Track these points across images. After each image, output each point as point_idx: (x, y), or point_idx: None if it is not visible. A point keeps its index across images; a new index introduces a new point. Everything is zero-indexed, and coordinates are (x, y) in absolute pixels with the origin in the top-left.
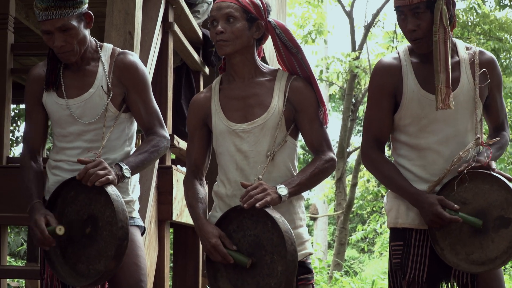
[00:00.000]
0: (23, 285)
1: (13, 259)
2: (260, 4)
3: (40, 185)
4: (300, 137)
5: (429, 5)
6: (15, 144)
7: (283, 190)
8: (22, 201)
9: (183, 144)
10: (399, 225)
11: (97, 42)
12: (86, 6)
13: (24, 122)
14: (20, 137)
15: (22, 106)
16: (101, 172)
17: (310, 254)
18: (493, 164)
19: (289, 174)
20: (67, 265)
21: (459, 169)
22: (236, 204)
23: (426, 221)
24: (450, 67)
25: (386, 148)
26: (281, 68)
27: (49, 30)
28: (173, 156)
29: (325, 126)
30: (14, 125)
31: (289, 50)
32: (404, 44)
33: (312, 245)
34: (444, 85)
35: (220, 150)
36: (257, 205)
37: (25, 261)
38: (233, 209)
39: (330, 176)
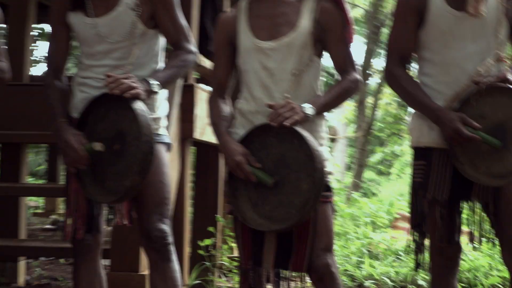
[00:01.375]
0: (42, 204)
1: (32, 178)
2: None
3: (65, 103)
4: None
5: None
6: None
7: (309, 109)
8: (43, 119)
9: (207, 63)
10: (421, 144)
11: None
12: None
13: (44, 42)
14: (39, 57)
15: (42, 25)
16: (133, 84)
17: (330, 173)
18: (511, 77)
19: (314, 94)
20: (96, 183)
21: (474, 80)
22: (259, 120)
23: (445, 137)
24: None
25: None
26: None
27: None
28: (197, 75)
29: (350, 45)
30: (33, 44)
31: None
32: None
33: None
34: None
35: (245, 67)
36: (286, 123)
37: (45, 181)
38: (257, 127)
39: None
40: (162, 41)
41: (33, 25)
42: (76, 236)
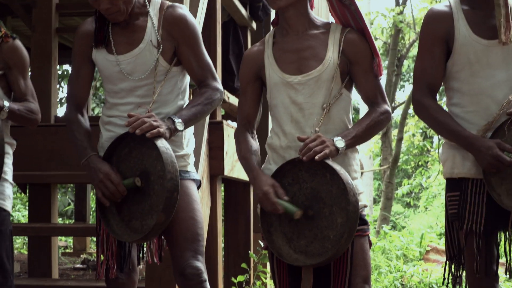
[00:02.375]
0: (71, 244)
1: (60, 218)
2: None
3: (91, 139)
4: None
5: None
6: (58, 105)
7: (340, 142)
8: (71, 159)
9: (233, 100)
10: (455, 175)
11: None
12: None
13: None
14: (64, 98)
15: (66, 67)
16: (154, 123)
17: (365, 206)
18: None
19: (344, 127)
20: (122, 223)
21: (508, 111)
22: (290, 156)
23: (483, 165)
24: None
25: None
26: (333, 19)
27: None
28: (223, 112)
29: (379, 78)
30: (57, 86)
31: (342, 2)
32: None
33: None
34: (505, 19)
35: (274, 102)
36: (317, 157)
37: (73, 220)
38: (289, 161)
39: None
40: (187, 78)
41: None
42: (109, 275)
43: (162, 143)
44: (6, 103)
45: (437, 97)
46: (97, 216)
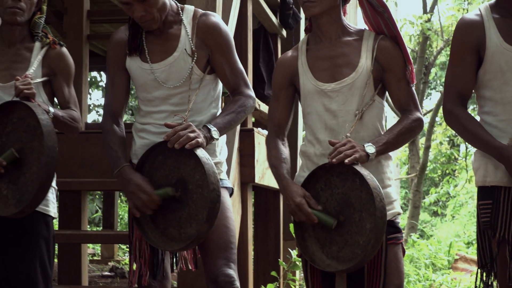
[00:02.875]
0: (98, 251)
1: (87, 225)
2: None
3: (125, 149)
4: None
5: None
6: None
7: (370, 148)
8: (101, 166)
9: (263, 107)
10: (487, 183)
11: (178, 4)
12: None
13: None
14: (92, 105)
15: (94, 74)
16: (191, 135)
17: (399, 214)
18: None
19: (377, 133)
20: (157, 230)
21: None
22: (324, 163)
23: None
24: None
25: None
26: (366, 26)
27: (128, 1)
28: (254, 119)
29: (412, 85)
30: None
31: (375, 9)
32: (485, 3)
33: None
34: None
35: (308, 110)
36: (346, 161)
37: (100, 228)
38: (320, 167)
39: None
40: (219, 86)
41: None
42: (142, 282)
43: (202, 153)
44: (52, 109)
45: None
46: (129, 224)
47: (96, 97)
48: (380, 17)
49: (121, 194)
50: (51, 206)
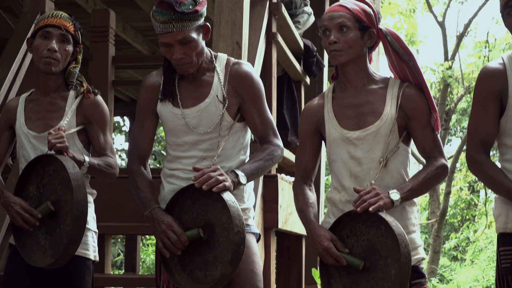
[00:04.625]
0: None
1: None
2: (372, 12)
3: (153, 191)
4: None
5: None
6: None
7: (395, 195)
8: (125, 211)
9: (287, 153)
10: (508, 230)
11: (212, 52)
12: (203, 18)
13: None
14: (115, 149)
15: (116, 118)
16: (220, 178)
17: (423, 259)
18: None
19: (402, 180)
20: (184, 272)
21: None
22: (350, 210)
23: None
24: None
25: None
26: (392, 75)
27: (169, 42)
28: (277, 165)
29: (437, 132)
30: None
31: (401, 57)
32: (508, 51)
33: None
34: None
35: (333, 157)
36: (370, 209)
37: (122, 271)
38: (346, 214)
39: None
40: (248, 133)
41: None
42: None
43: (228, 197)
44: (87, 158)
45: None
46: (156, 267)
47: (119, 142)
48: (405, 65)
49: (143, 238)
50: (91, 249)
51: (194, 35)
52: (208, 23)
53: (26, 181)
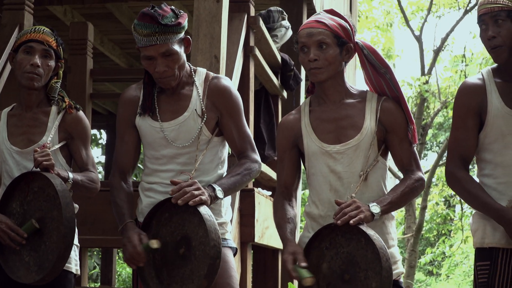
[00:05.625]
0: None
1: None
2: (348, 26)
3: (131, 206)
4: None
5: (510, 15)
6: None
7: (375, 208)
8: (102, 224)
9: (263, 167)
10: (485, 245)
11: (191, 66)
12: (184, 31)
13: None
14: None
15: (93, 131)
16: (196, 192)
17: (402, 273)
18: None
19: (381, 194)
20: (161, 286)
21: None
22: (330, 223)
23: None
24: None
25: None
26: (367, 87)
27: (152, 55)
28: (254, 180)
29: (414, 145)
30: None
31: (377, 70)
32: (487, 67)
33: None
34: None
35: (312, 171)
36: (351, 222)
37: (98, 284)
38: (326, 226)
39: None
40: (226, 148)
41: None
42: None
43: (205, 210)
44: (71, 175)
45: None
46: (133, 280)
47: (95, 155)
48: (382, 78)
49: (119, 251)
50: (73, 263)
51: (176, 47)
52: (189, 36)
53: (9, 198)
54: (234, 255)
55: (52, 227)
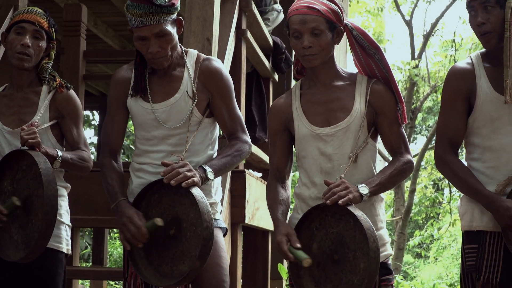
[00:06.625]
0: (87, 287)
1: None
2: (338, 10)
3: (123, 185)
4: None
5: (499, 1)
6: None
7: (364, 189)
8: (95, 204)
9: (254, 149)
10: (473, 228)
11: (182, 47)
12: (177, 12)
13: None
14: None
15: (86, 112)
16: (188, 173)
17: (391, 255)
18: None
19: (371, 176)
20: (151, 266)
21: None
22: (319, 203)
23: (501, 224)
24: None
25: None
26: (357, 69)
27: (146, 36)
28: (245, 161)
29: (404, 125)
30: None
31: (367, 51)
32: (476, 51)
33: None
34: (511, 80)
35: (303, 153)
36: (340, 202)
37: (90, 264)
38: (315, 207)
39: None
40: (217, 129)
41: None
42: None
43: (197, 192)
44: (60, 153)
45: None
46: (124, 260)
47: (88, 136)
48: (371, 59)
49: (110, 231)
50: (64, 243)
51: (170, 28)
52: (181, 17)
53: (0, 176)
54: (224, 235)
55: (38, 205)
